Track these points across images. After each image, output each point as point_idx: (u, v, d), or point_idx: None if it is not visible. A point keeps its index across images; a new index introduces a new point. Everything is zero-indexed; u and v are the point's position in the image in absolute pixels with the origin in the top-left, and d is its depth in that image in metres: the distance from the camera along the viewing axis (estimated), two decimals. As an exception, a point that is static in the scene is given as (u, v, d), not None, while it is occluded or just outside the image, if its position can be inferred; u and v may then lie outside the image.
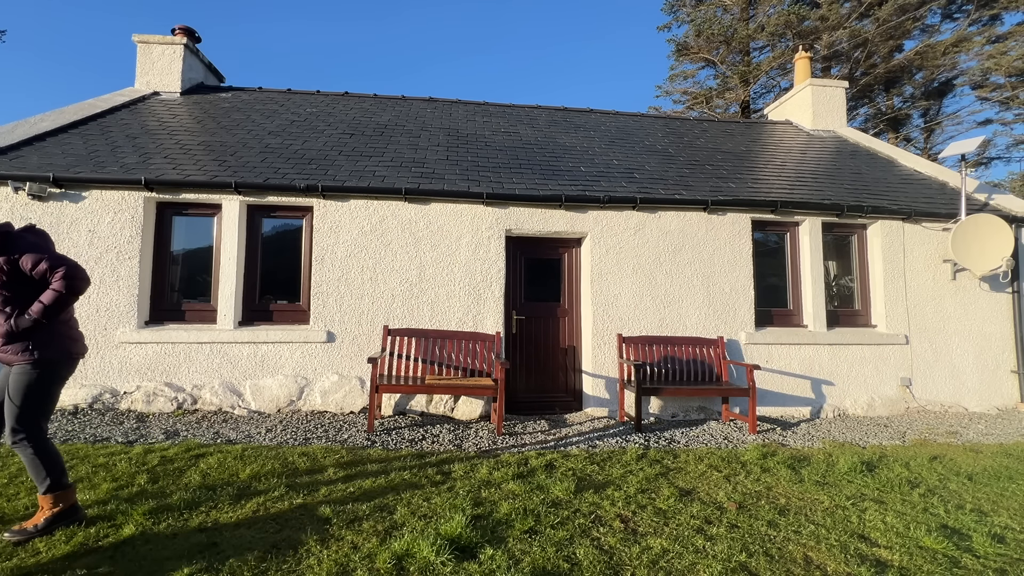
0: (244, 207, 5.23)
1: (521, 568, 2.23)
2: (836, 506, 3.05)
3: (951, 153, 6.43)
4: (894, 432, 4.93)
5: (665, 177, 6.26)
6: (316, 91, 8.41)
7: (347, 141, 6.50)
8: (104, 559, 2.19)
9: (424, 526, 2.58)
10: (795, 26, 15.10)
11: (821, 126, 8.76)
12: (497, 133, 7.29)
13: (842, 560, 2.41)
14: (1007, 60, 13.97)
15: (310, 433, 4.28)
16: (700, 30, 16.17)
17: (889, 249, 5.96)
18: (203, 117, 6.88)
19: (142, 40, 7.52)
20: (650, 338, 5.33)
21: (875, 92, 16.50)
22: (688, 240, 5.64)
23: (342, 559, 2.26)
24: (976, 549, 2.56)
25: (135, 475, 3.14)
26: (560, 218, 5.49)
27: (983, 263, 5.74)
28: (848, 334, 5.80)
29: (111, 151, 5.57)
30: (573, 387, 5.53)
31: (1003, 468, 3.86)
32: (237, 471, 3.27)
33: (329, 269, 5.15)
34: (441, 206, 5.35)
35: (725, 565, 2.33)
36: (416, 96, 8.67)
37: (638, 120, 8.78)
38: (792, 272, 5.97)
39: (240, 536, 2.43)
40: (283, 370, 5.00)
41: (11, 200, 4.91)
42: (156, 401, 4.74)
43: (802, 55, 9.32)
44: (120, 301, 4.92)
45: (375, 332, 5.12)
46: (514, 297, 5.53)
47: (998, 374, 5.99)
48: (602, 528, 2.66)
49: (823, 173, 6.98)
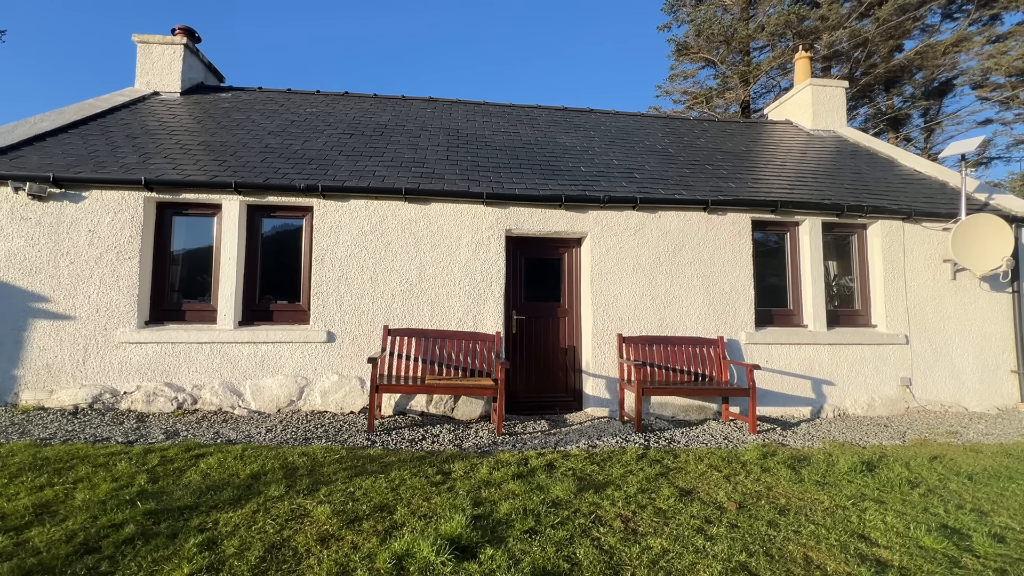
0: (244, 207, 5.23)
1: (521, 568, 2.23)
2: (836, 506, 3.04)
3: (951, 153, 6.43)
4: (894, 432, 4.92)
5: (665, 177, 6.26)
6: (316, 91, 8.41)
7: (347, 141, 6.50)
8: (104, 559, 2.19)
9: (424, 526, 2.58)
10: (795, 26, 15.10)
11: (821, 126, 8.76)
12: (497, 133, 7.29)
13: (842, 560, 2.41)
14: (1007, 60, 13.97)
15: (310, 433, 4.28)
16: (700, 30, 16.17)
17: (889, 249, 5.96)
18: (203, 117, 6.89)
19: (142, 40, 7.52)
20: (650, 338, 5.33)
21: (875, 92, 16.50)
22: (688, 240, 5.64)
23: (342, 559, 2.26)
24: (976, 549, 2.56)
25: (135, 475, 3.14)
26: (560, 218, 5.49)
27: (983, 263, 5.74)
28: (848, 334, 5.80)
29: (111, 151, 5.57)
30: (573, 387, 5.53)
31: (1003, 468, 3.86)
32: (237, 471, 3.27)
33: (329, 269, 5.15)
34: (441, 206, 5.35)
35: (725, 565, 2.33)
36: (416, 96, 8.68)
37: (638, 120, 8.78)
38: (792, 272, 5.97)
39: (240, 536, 2.43)
40: (283, 370, 5.00)
41: (11, 200, 4.92)
42: (156, 401, 4.75)
43: (802, 55, 9.32)
44: (120, 301, 4.92)
45: (375, 332, 5.12)
46: (514, 297, 5.53)
47: (998, 374, 5.98)
48: (602, 528, 2.66)
49: (823, 173, 6.97)
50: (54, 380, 4.79)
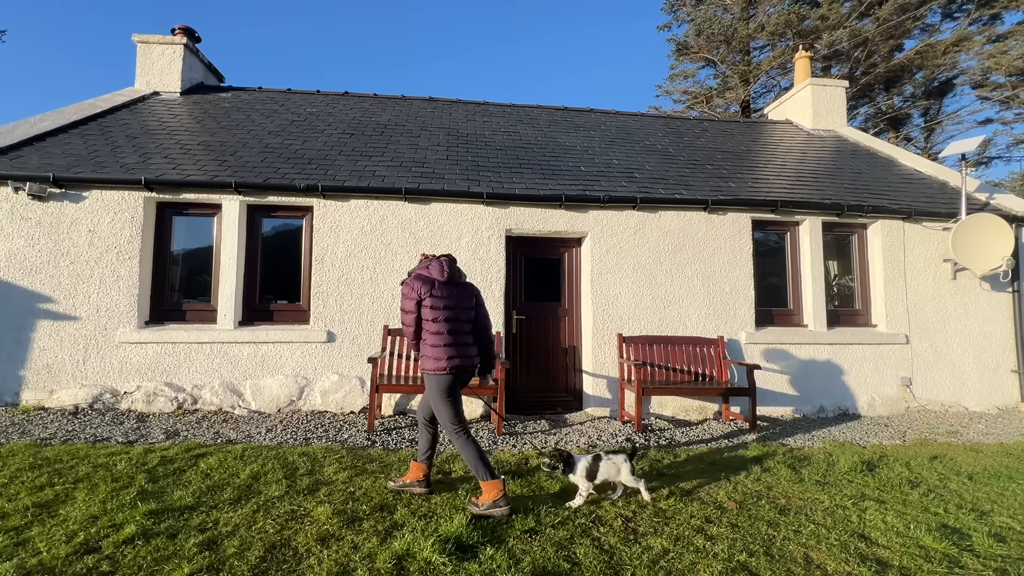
0: (244, 207, 5.23)
1: (521, 568, 2.23)
2: (836, 506, 3.04)
3: (951, 152, 6.43)
4: (894, 431, 4.92)
5: (665, 177, 6.26)
6: (316, 91, 8.41)
7: (347, 141, 6.50)
8: (104, 559, 2.19)
9: (424, 526, 2.58)
10: (795, 25, 15.09)
11: (821, 125, 8.75)
12: (497, 133, 7.29)
13: (842, 560, 2.41)
14: (1007, 59, 13.95)
15: (310, 433, 4.28)
16: (700, 30, 16.16)
17: (889, 249, 5.95)
18: (203, 117, 6.88)
19: (142, 40, 7.52)
20: (650, 338, 5.33)
21: (875, 91, 16.48)
22: (688, 240, 5.63)
23: (342, 559, 2.26)
24: (977, 549, 2.56)
25: (135, 475, 3.14)
26: (560, 218, 5.49)
27: (983, 263, 5.73)
28: (848, 334, 5.80)
29: (111, 151, 5.57)
30: (574, 387, 5.52)
31: (1003, 467, 3.86)
32: (237, 471, 3.27)
33: (329, 269, 5.15)
34: (441, 206, 5.35)
35: (725, 565, 2.32)
36: (416, 96, 8.67)
37: (638, 120, 8.77)
38: (792, 272, 5.97)
39: (240, 536, 2.43)
40: (283, 370, 5.00)
41: (11, 200, 4.91)
42: (156, 401, 4.74)
43: (802, 54, 9.31)
44: (120, 301, 4.92)
45: (375, 332, 5.11)
46: (514, 297, 5.53)
47: (998, 373, 5.98)
48: (602, 528, 2.66)
49: (823, 173, 6.97)
50: (54, 380, 4.79)
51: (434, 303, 2.84)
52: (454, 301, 2.91)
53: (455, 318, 2.90)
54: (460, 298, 2.95)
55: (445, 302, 2.87)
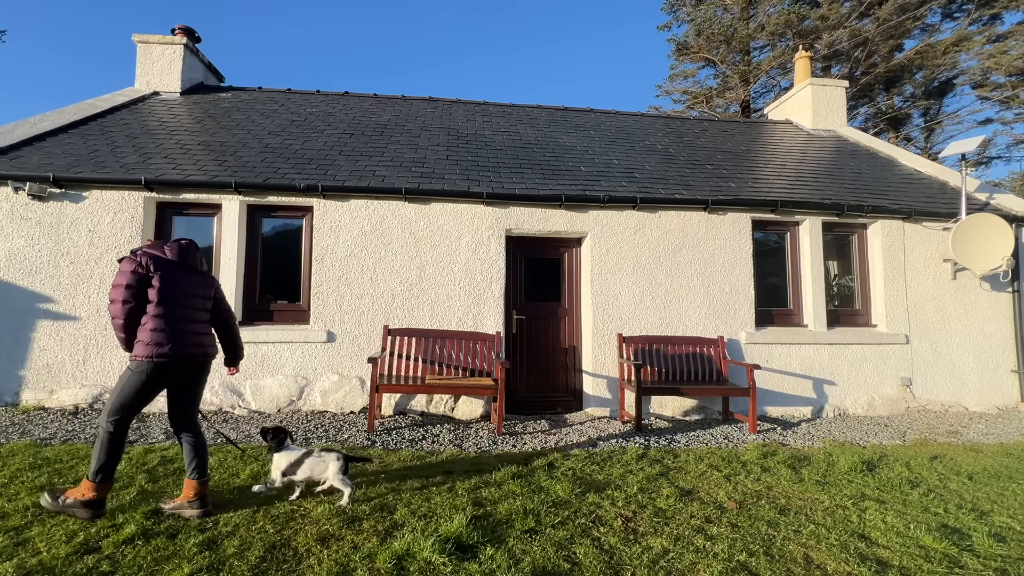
0: (244, 207, 5.23)
1: (521, 568, 2.23)
2: (836, 506, 3.04)
3: (951, 152, 6.43)
4: (894, 432, 4.92)
5: (665, 177, 6.26)
6: (316, 91, 8.41)
7: (347, 141, 6.50)
8: (104, 559, 2.19)
9: (424, 526, 2.58)
10: (795, 25, 15.09)
11: (821, 125, 8.75)
12: (497, 133, 7.29)
13: (842, 560, 2.41)
14: (1007, 59, 13.96)
15: (310, 433, 4.28)
16: (700, 30, 16.17)
17: (889, 249, 5.95)
18: (203, 117, 6.88)
19: (142, 40, 7.52)
20: (650, 338, 5.33)
21: (875, 91, 16.49)
22: (688, 240, 5.63)
23: (342, 559, 2.26)
24: (977, 549, 2.56)
25: (135, 475, 3.14)
26: (560, 218, 5.49)
27: (983, 263, 5.73)
28: (848, 334, 5.80)
29: (111, 151, 5.57)
30: (574, 387, 5.52)
31: (1003, 468, 3.86)
32: (237, 471, 3.27)
33: (329, 269, 5.15)
34: (441, 206, 5.35)
35: (725, 565, 2.32)
36: (416, 96, 8.67)
37: (638, 120, 8.77)
38: (792, 272, 5.97)
39: (240, 536, 2.43)
40: (283, 370, 5.00)
41: (11, 200, 4.92)
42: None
43: (802, 54, 9.31)
44: (120, 301, 4.91)
45: (375, 332, 5.11)
46: (514, 297, 5.53)
47: (998, 373, 5.98)
48: (603, 528, 2.66)
49: (823, 173, 6.97)
50: (54, 380, 4.79)
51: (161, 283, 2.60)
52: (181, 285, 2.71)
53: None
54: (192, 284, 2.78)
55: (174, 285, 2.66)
